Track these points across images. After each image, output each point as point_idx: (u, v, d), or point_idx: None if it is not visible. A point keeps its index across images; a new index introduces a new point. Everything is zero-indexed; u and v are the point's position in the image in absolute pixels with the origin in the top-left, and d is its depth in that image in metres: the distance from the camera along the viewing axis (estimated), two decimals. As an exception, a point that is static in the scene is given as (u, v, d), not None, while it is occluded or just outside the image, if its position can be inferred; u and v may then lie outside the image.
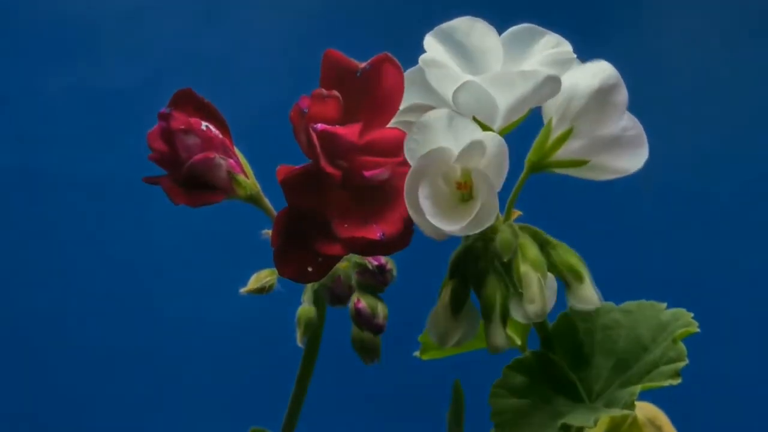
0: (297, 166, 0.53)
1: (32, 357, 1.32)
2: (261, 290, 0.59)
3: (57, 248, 1.34)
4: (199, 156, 0.55)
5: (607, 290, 0.59)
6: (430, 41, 0.54)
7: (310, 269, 0.52)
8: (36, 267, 1.34)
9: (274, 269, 0.58)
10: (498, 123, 0.53)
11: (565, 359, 0.59)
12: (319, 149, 0.52)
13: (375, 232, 0.51)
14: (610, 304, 0.61)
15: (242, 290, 0.59)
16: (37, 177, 1.35)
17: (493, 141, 0.51)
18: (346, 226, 0.51)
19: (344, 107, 0.53)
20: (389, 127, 0.54)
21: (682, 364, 0.55)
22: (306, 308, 0.60)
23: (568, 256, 0.55)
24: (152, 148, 0.57)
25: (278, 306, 0.61)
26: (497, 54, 0.54)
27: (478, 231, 0.51)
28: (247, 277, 0.60)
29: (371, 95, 0.54)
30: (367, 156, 0.53)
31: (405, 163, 0.52)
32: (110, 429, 1.32)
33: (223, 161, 0.56)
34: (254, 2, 1.40)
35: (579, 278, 0.54)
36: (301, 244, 0.52)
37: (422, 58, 0.53)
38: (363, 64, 0.54)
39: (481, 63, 0.54)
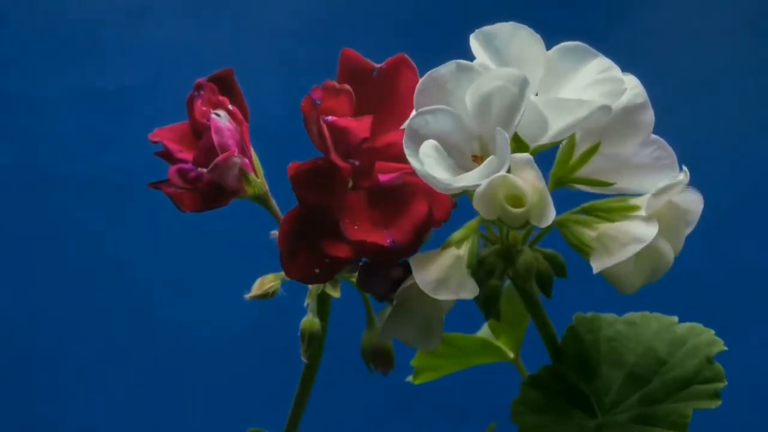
0: (307, 161, 0.52)
1: (31, 357, 1.32)
2: (265, 295, 0.58)
3: (56, 248, 1.34)
4: (221, 157, 0.54)
5: (607, 296, 0.59)
6: (474, 44, 0.52)
7: (317, 270, 0.51)
8: (35, 267, 1.33)
9: (278, 274, 0.58)
10: (542, 142, 0.51)
11: (574, 372, 0.58)
12: (329, 141, 0.51)
13: (385, 239, 0.50)
14: (613, 315, 0.60)
15: (246, 296, 0.58)
16: (36, 176, 1.34)
17: (502, 90, 0.48)
18: (356, 228, 0.51)
19: (360, 107, 0.52)
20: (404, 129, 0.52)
21: (721, 385, 0.54)
22: (309, 320, 0.59)
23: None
24: (165, 141, 0.56)
25: (281, 307, 0.60)
26: (538, 66, 0.52)
27: (487, 179, 0.48)
28: (252, 278, 0.59)
29: (387, 96, 0.53)
30: (382, 158, 0.52)
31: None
32: (110, 429, 1.31)
33: (238, 160, 0.55)
34: (255, 2, 1.39)
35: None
36: (308, 245, 0.51)
37: (474, 64, 0.52)
38: (379, 65, 0.53)
39: None
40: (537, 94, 0.51)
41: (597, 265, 0.50)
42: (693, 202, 0.53)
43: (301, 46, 1.35)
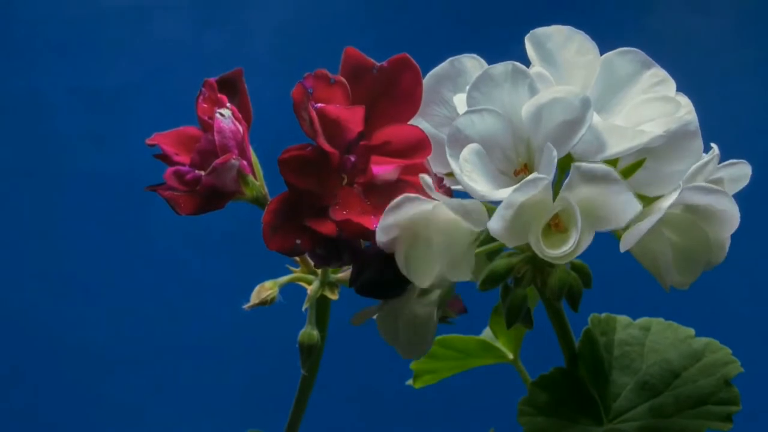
0: (296, 146, 0.51)
1: (31, 356, 1.31)
2: (264, 303, 0.57)
3: (57, 248, 1.33)
4: (219, 160, 0.53)
5: (610, 296, 0.58)
6: (527, 45, 0.51)
7: (297, 241, 0.51)
8: (36, 266, 1.33)
9: (276, 280, 0.58)
10: (593, 160, 0.49)
11: (587, 376, 0.57)
12: (317, 125, 0.50)
13: (371, 223, 0.50)
14: (627, 318, 0.59)
15: (245, 306, 0.57)
16: (37, 176, 1.34)
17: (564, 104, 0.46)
18: (344, 213, 0.50)
19: (358, 103, 0.52)
20: (407, 125, 0.52)
21: (735, 409, 0.53)
22: (308, 332, 0.58)
23: None
24: (162, 145, 0.55)
25: (281, 308, 0.59)
26: (590, 73, 0.50)
27: (528, 194, 0.46)
28: (250, 277, 0.59)
29: (386, 94, 0.53)
30: (379, 154, 0.51)
31: (413, 168, 0.51)
32: (109, 429, 1.30)
33: (236, 162, 0.54)
34: (255, 2, 1.39)
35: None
36: (292, 223, 0.51)
37: (530, 71, 0.50)
38: (380, 63, 0.53)
39: (569, 79, 0.50)
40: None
41: (624, 242, 0.47)
42: (739, 170, 0.52)
43: (302, 47, 1.34)
